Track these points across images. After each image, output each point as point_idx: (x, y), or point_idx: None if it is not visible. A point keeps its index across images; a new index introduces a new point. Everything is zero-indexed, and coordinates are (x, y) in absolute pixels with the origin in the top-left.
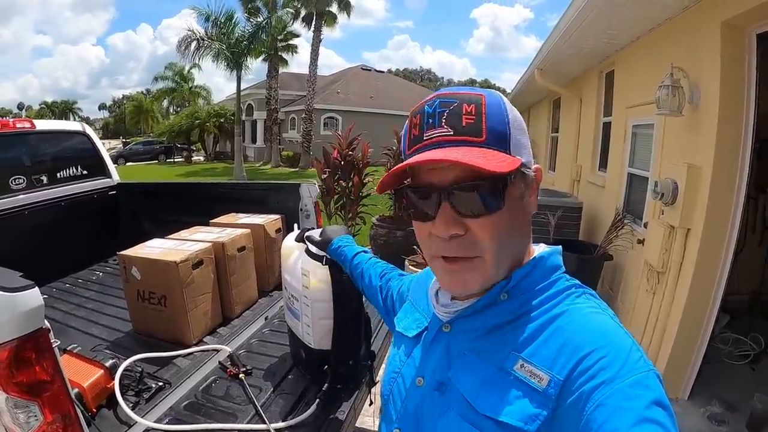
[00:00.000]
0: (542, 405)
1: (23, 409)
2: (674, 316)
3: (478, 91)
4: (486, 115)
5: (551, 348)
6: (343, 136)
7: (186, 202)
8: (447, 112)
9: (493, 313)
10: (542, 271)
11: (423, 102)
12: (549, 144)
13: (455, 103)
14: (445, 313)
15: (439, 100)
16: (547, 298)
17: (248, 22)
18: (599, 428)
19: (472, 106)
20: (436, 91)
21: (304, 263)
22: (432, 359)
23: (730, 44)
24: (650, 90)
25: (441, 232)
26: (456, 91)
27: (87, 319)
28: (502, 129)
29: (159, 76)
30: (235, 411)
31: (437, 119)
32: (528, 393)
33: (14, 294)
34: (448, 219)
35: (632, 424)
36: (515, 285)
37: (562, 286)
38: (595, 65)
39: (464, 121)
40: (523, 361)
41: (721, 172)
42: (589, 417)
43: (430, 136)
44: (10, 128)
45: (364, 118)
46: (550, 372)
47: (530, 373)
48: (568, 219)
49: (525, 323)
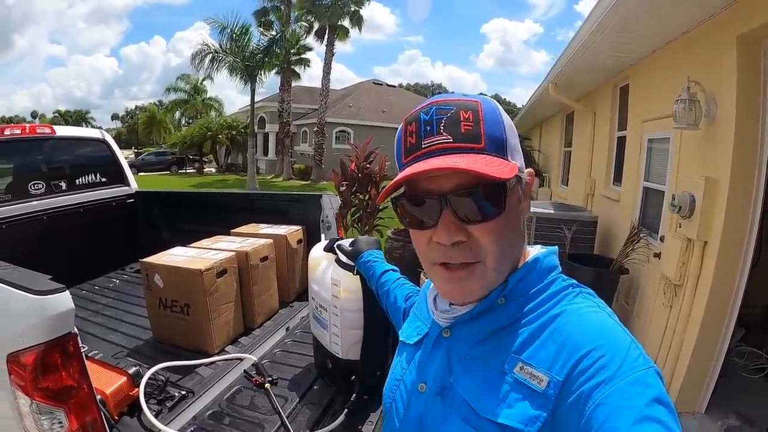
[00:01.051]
0: (542, 406)
1: (47, 415)
2: (691, 329)
3: (473, 97)
4: (484, 122)
5: (550, 349)
6: (361, 148)
7: (204, 211)
8: (445, 119)
9: (491, 318)
10: (538, 273)
11: (417, 109)
12: (562, 158)
13: (452, 110)
14: (444, 319)
15: (435, 107)
16: (544, 299)
17: (262, 36)
18: (600, 428)
19: (470, 113)
20: (432, 97)
21: (335, 273)
22: (433, 365)
23: (746, 58)
24: (666, 104)
25: (443, 239)
26: (451, 97)
27: (105, 326)
28: (499, 135)
29: (171, 87)
30: (262, 421)
31: (435, 126)
32: (528, 395)
33: (44, 297)
34: (451, 226)
35: (633, 422)
36: (512, 289)
37: (559, 287)
38: (609, 79)
39: (463, 128)
40: (523, 363)
41: (738, 185)
42: (589, 417)
43: (429, 143)
44: (31, 133)
45: (377, 132)
46: (550, 373)
47: (530, 375)
48: (583, 233)
49: (523, 326)
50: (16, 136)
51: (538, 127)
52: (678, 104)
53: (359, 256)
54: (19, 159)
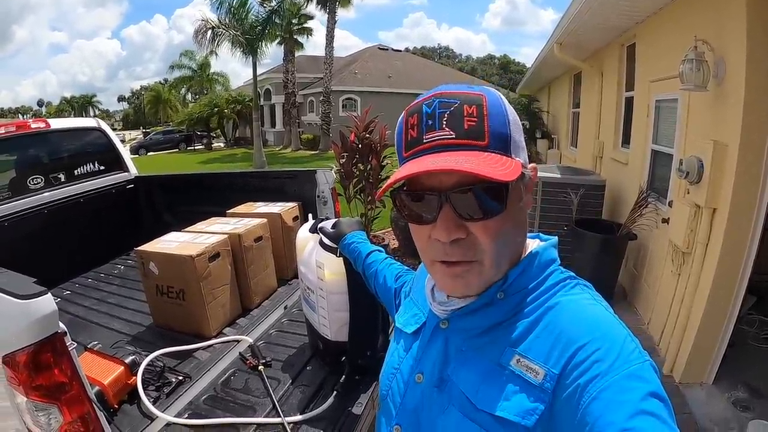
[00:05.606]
0: (539, 399)
1: (43, 411)
2: (700, 297)
3: (477, 89)
4: (488, 117)
5: (545, 342)
6: (360, 119)
7: (204, 192)
8: (448, 113)
9: (490, 312)
10: (537, 267)
11: (420, 101)
12: (570, 120)
13: (456, 104)
14: (442, 311)
15: (438, 99)
16: (541, 292)
17: (261, 7)
18: (595, 422)
19: (474, 107)
20: (436, 88)
21: (319, 255)
22: (430, 355)
23: (756, 15)
24: (674, 63)
25: (442, 235)
26: (455, 90)
27: (109, 314)
28: (503, 131)
29: (175, 64)
30: (254, 404)
31: (437, 121)
32: (525, 388)
33: (28, 301)
34: (450, 222)
35: (628, 417)
36: (511, 284)
37: (556, 279)
38: (616, 38)
39: (466, 123)
40: (519, 356)
41: (748, 150)
42: (584, 411)
43: (430, 138)
44: (27, 129)
45: (383, 98)
46: (546, 366)
47: (526, 368)
48: (590, 197)
49: (520, 319)
50: (12, 133)
51: (547, 88)
52: (685, 64)
53: (342, 238)
54: (17, 155)
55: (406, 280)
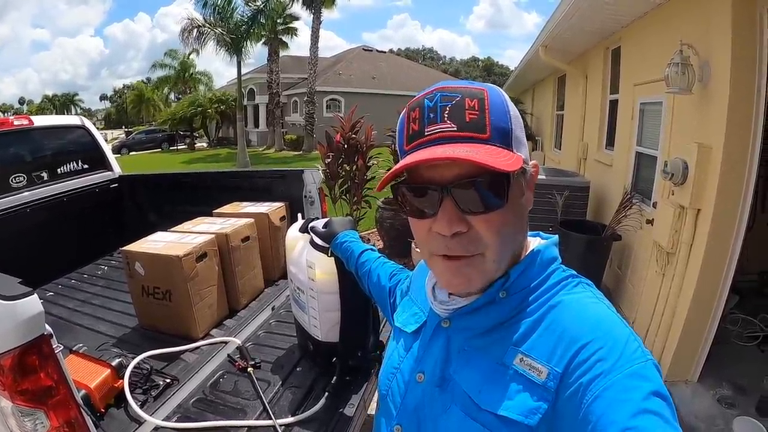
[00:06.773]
0: (542, 398)
1: (29, 416)
2: (684, 297)
3: (479, 85)
4: (489, 111)
5: (548, 340)
6: (345, 119)
7: (190, 192)
8: (449, 106)
9: (492, 311)
10: (539, 266)
11: (422, 95)
12: (554, 122)
13: (458, 98)
14: (443, 310)
15: (440, 93)
16: (544, 291)
17: (246, 7)
18: (598, 420)
19: (475, 101)
20: (433, 84)
21: (309, 255)
22: (432, 355)
23: (741, 20)
24: (659, 67)
25: (443, 229)
26: (457, 84)
27: (93, 316)
28: (504, 125)
29: (158, 63)
30: (244, 407)
31: (439, 114)
32: (528, 387)
33: (14, 302)
34: (451, 216)
35: (630, 415)
36: (513, 282)
37: (558, 278)
38: (601, 41)
39: (467, 116)
40: (522, 354)
41: (732, 152)
42: (587, 409)
43: (432, 131)
44: (9, 126)
45: (367, 100)
46: (549, 365)
47: (529, 367)
48: (575, 198)
49: (523, 318)
50: None
51: (531, 90)
52: (670, 68)
53: (334, 237)
54: None
55: (401, 279)
